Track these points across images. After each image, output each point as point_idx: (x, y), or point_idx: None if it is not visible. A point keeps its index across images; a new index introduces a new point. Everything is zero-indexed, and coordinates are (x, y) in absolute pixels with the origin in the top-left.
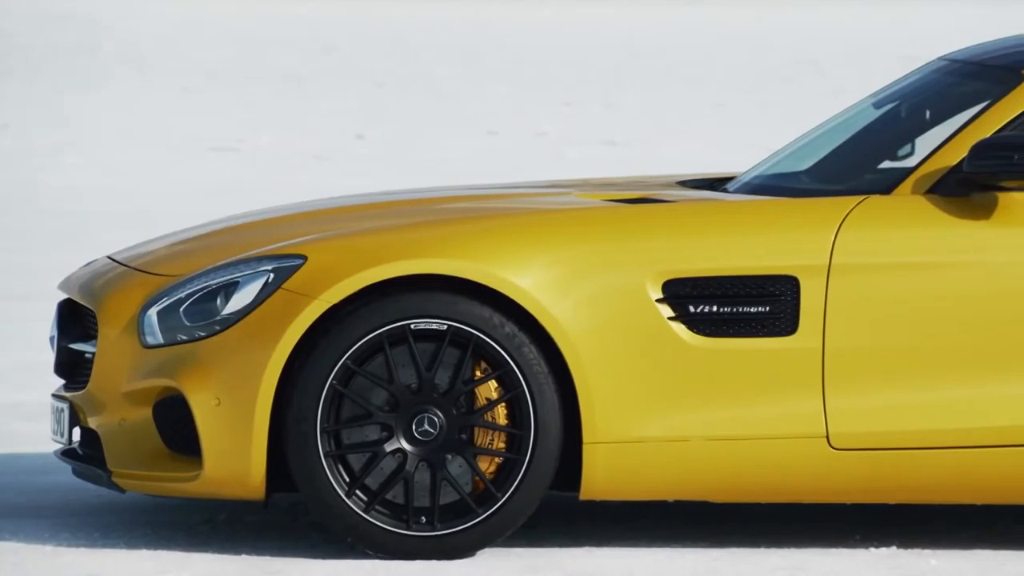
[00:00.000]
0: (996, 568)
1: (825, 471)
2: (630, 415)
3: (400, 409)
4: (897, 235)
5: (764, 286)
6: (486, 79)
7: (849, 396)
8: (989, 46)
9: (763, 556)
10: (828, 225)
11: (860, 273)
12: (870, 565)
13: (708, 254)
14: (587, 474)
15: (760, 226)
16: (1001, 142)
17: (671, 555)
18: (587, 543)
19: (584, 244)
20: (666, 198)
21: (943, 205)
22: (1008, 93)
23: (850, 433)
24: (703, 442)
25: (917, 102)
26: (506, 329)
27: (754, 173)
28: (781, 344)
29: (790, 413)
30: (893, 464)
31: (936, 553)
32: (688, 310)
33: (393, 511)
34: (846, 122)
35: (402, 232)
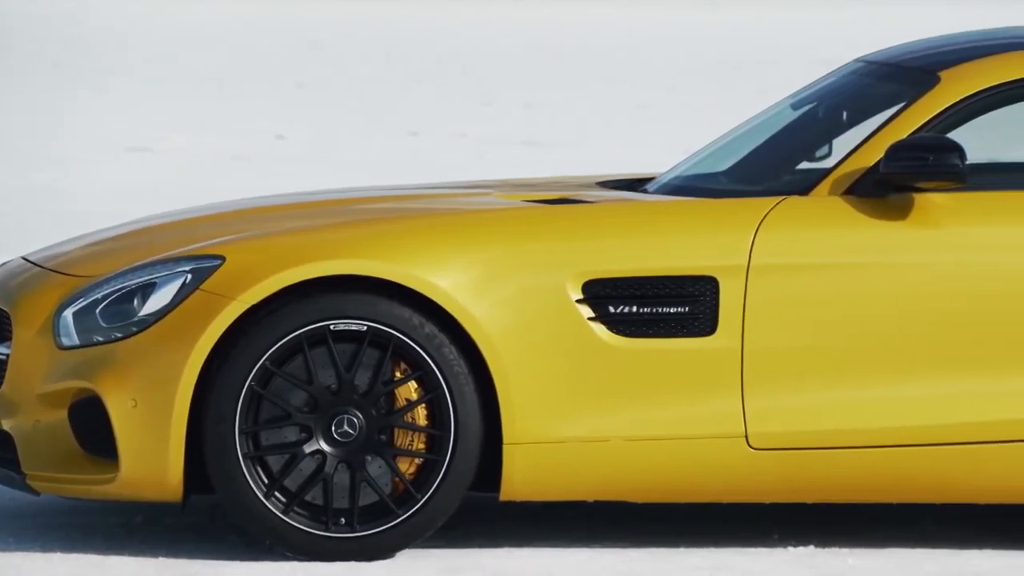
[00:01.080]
0: (913, 566)
1: (744, 471)
2: (550, 416)
3: (319, 410)
4: (815, 236)
5: (683, 287)
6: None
7: (767, 396)
8: (905, 48)
9: (683, 556)
10: (747, 226)
11: (778, 273)
12: (788, 564)
13: (628, 255)
14: (507, 475)
15: (679, 227)
16: (917, 143)
17: (591, 555)
18: (507, 543)
19: (504, 245)
20: (586, 199)
21: (860, 206)
22: (924, 94)
23: (768, 433)
24: (623, 442)
25: (835, 103)
26: (426, 330)
27: (673, 174)
28: (700, 344)
29: (709, 413)
30: (811, 464)
31: (854, 552)
32: (608, 310)
33: (312, 512)
34: (765, 123)
35: (321, 233)
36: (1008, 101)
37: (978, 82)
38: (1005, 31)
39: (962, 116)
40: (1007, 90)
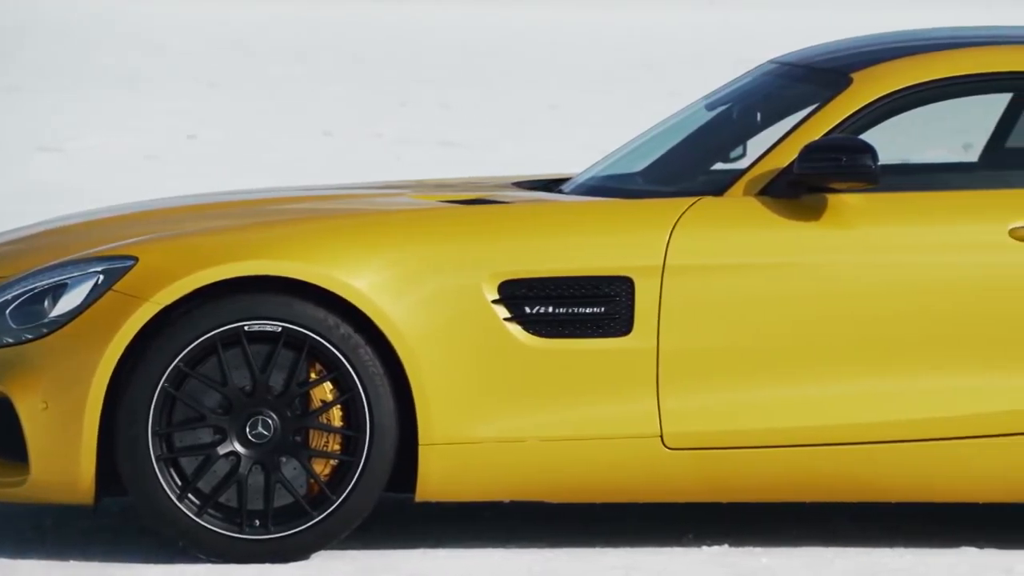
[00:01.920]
0: (825, 565)
1: (659, 471)
2: (466, 416)
3: (233, 411)
4: (729, 236)
5: (599, 287)
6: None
7: (683, 396)
8: (818, 49)
9: (598, 555)
10: (662, 226)
11: (693, 274)
12: (703, 564)
13: (543, 255)
14: (423, 475)
15: (595, 227)
16: (830, 144)
17: (507, 555)
18: (423, 544)
19: (420, 245)
20: (501, 199)
21: (774, 206)
22: (837, 96)
23: (683, 433)
24: (539, 443)
25: (749, 104)
26: (341, 331)
27: (589, 174)
28: (616, 344)
29: (625, 413)
30: (726, 463)
31: (767, 551)
32: (524, 311)
33: (226, 514)
34: (679, 124)
35: (236, 233)
36: (919, 102)
37: (890, 83)
38: (916, 33)
39: (874, 117)
40: (918, 91)
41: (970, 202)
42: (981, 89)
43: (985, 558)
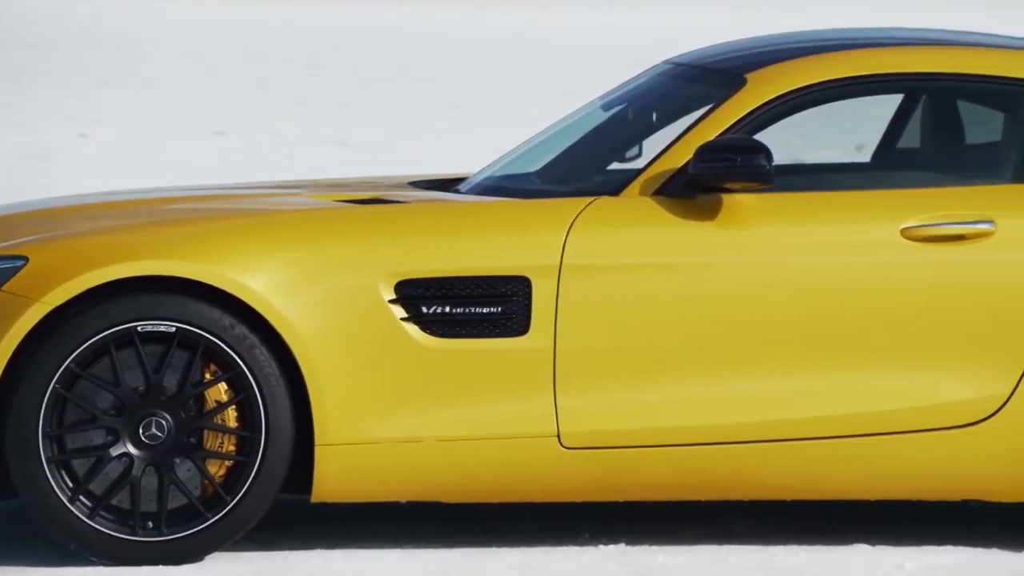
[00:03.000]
0: (720, 562)
1: (556, 470)
2: (363, 416)
3: (126, 413)
4: (625, 236)
5: (496, 287)
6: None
7: (579, 396)
8: (713, 50)
9: (495, 555)
10: (558, 226)
11: (590, 274)
12: (599, 562)
13: (440, 255)
14: (319, 476)
15: (491, 227)
16: (725, 144)
17: (404, 556)
18: (319, 545)
19: (316, 245)
20: (398, 199)
21: (670, 206)
22: (731, 96)
23: (580, 432)
24: (436, 443)
25: (644, 105)
26: (236, 331)
27: (485, 174)
28: (513, 344)
29: (522, 413)
30: (622, 462)
31: (663, 549)
32: (421, 311)
33: (119, 516)
34: (575, 124)
35: (129, 233)
36: (813, 103)
37: (784, 84)
38: (809, 34)
39: (769, 118)
40: (812, 92)
41: (863, 202)
42: (873, 90)
43: (877, 554)
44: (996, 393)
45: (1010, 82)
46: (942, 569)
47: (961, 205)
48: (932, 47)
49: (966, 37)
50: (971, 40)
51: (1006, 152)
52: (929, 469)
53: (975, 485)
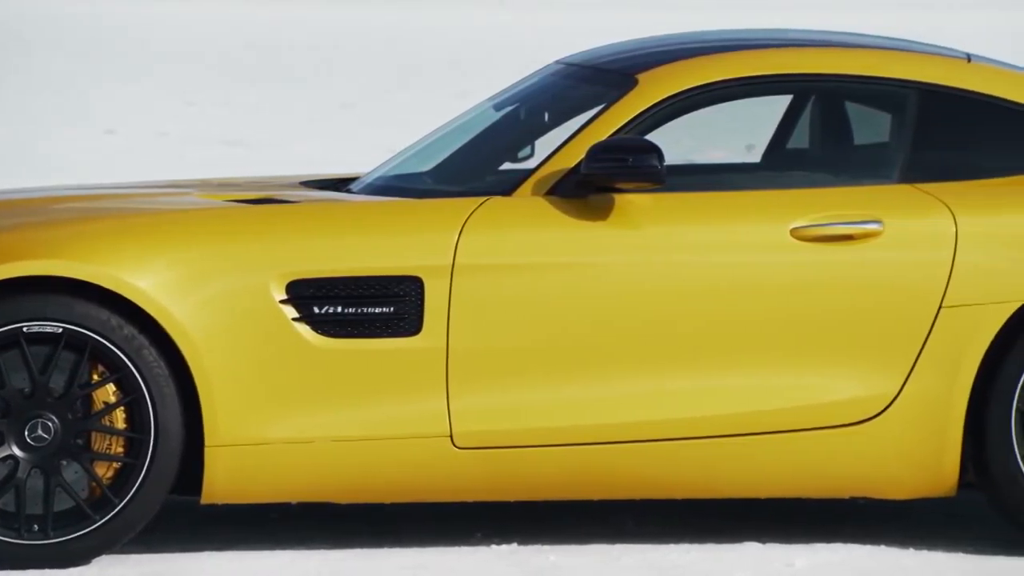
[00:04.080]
0: (612, 561)
1: (449, 470)
2: (254, 417)
3: (12, 414)
4: (518, 236)
5: (388, 287)
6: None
7: (472, 396)
8: (604, 50)
9: (387, 556)
10: (451, 226)
11: (482, 274)
12: (491, 562)
13: (332, 255)
14: (209, 477)
15: (383, 227)
16: (617, 145)
17: (295, 557)
18: (208, 548)
19: (206, 245)
20: (289, 199)
21: (562, 206)
22: (623, 96)
23: (473, 432)
24: (328, 443)
25: (536, 105)
26: (125, 331)
27: (377, 174)
28: (405, 344)
29: (414, 413)
30: (515, 462)
31: (555, 549)
32: (312, 311)
33: (4, 519)
34: (467, 124)
35: (15, 232)
36: (704, 103)
37: (675, 84)
38: (700, 35)
39: (660, 118)
40: (703, 92)
41: (753, 202)
42: (763, 91)
43: (767, 552)
44: (884, 392)
45: (896, 83)
46: (831, 566)
47: (849, 205)
48: (821, 48)
49: (854, 39)
50: (858, 42)
51: (893, 153)
52: (819, 467)
53: (864, 483)
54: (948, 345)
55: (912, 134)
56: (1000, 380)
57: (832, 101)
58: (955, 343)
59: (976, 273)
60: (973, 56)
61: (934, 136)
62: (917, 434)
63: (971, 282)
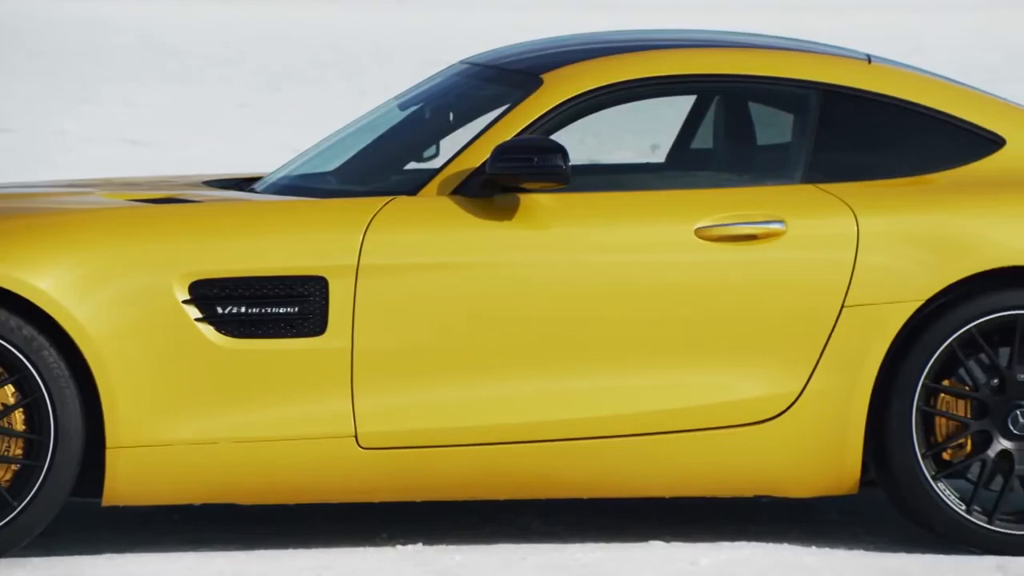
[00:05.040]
0: (517, 561)
1: (354, 471)
2: (157, 419)
3: None
4: (423, 236)
5: (292, 287)
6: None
7: (377, 396)
8: (509, 50)
9: (291, 557)
10: (355, 226)
11: (387, 274)
12: (396, 563)
13: (235, 255)
14: (110, 479)
15: (288, 227)
16: (522, 145)
17: (198, 559)
18: (109, 550)
19: (108, 245)
20: (192, 198)
21: (467, 206)
22: (528, 96)
23: (378, 432)
24: (232, 444)
25: (441, 104)
26: (24, 332)
27: (281, 174)
28: (310, 345)
29: (319, 414)
30: (420, 462)
31: (460, 549)
32: (216, 311)
33: None
34: (372, 123)
35: None
36: (608, 103)
37: (580, 85)
38: (604, 35)
39: (565, 118)
40: (607, 93)
41: (657, 202)
42: (668, 91)
43: (671, 551)
44: (787, 391)
45: (797, 84)
46: (735, 564)
47: (753, 205)
48: (724, 49)
49: (756, 40)
50: (761, 43)
51: (796, 153)
52: (723, 466)
53: (767, 481)
54: (850, 344)
55: (814, 135)
56: (901, 379)
57: (735, 102)
58: (857, 342)
59: (877, 273)
60: (874, 57)
61: (836, 137)
62: (819, 433)
63: (872, 282)
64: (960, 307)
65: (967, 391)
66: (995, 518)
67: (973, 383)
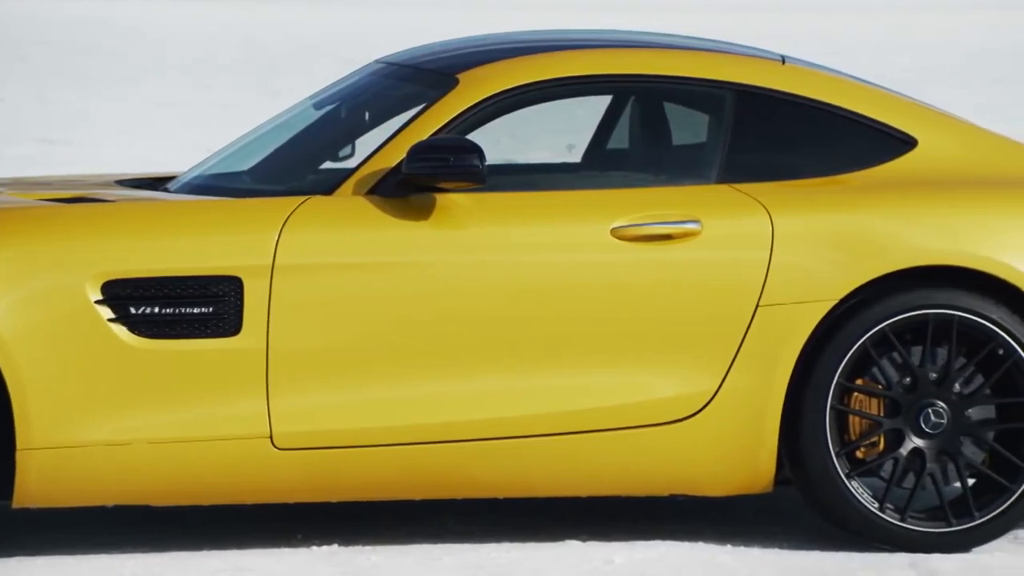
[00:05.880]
0: (433, 562)
1: (269, 471)
2: (69, 420)
3: None
4: (338, 236)
5: (207, 287)
6: None
7: (292, 396)
8: (425, 50)
9: (205, 558)
10: (271, 226)
11: (303, 274)
12: (312, 563)
13: (149, 255)
14: (21, 481)
15: (202, 226)
16: (437, 145)
17: (110, 561)
18: (20, 552)
19: (20, 245)
20: (104, 197)
21: (383, 206)
22: (443, 96)
23: (293, 433)
24: (146, 445)
25: (357, 104)
26: None
27: (195, 173)
28: (225, 345)
29: (234, 414)
30: (336, 462)
31: (376, 549)
32: (129, 312)
33: None
34: (287, 123)
35: None
36: (525, 103)
37: (495, 84)
38: (520, 35)
39: (481, 118)
40: (524, 92)
41: (574, 202)
42: (583, 91)
43: (587, 550)
44: (703, 390)
45: (712, 84)
46: (649, 562)
47: (669, 205)
48: (639, 49)
49: (672, 40)
50: (676, 43)
51: (711, 153)
52: (638, 465)
53: (683, 480)
54: (765, 343)
55: (729, 135)
56: (815, 378)
57: (651, 102)
58: (772, 341)
59: (792, 272)
60: (788, 58)
61: (750, 137)
62: (734, 432)
63: (787, 281)
64: (873, 306)
65: (880, 390)
66: (907, 516)
67: (886, 382)
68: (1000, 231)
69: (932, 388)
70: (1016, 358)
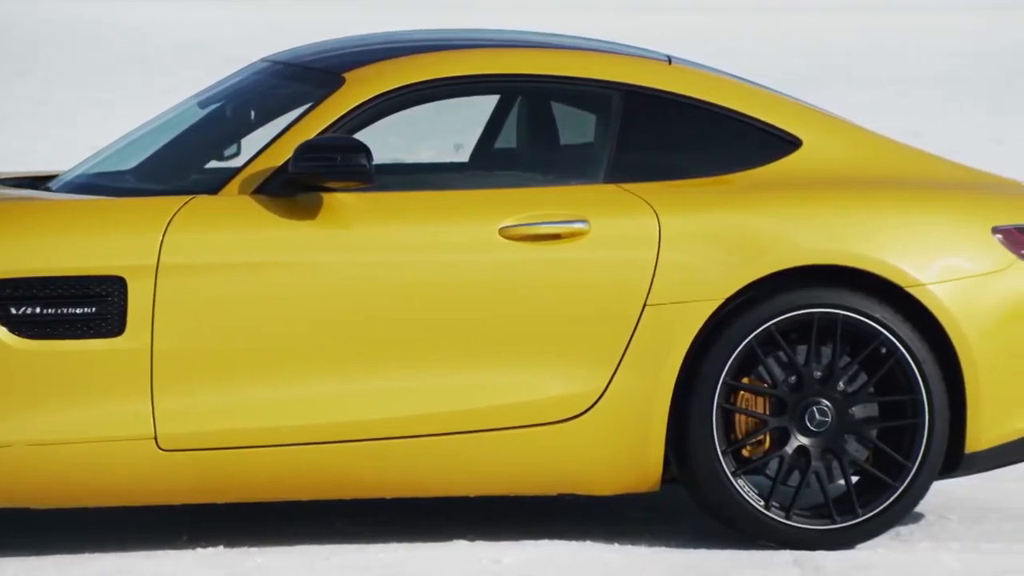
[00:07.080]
0: (320, 562)
1: (154, 473)
2: None
3: None
4: (224, 235)
5: (90, 287)
6: None
7: (178, 397)
8: (311, 49)
9: (87, 561)
10: (155, 225)
11: (188, 274)
12: (197, 565)
13: (29, 254)
14: None
15: (84, 226)
16: (324, 144)
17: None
18: None
19: None
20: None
21: (269, 205)
22: (330, 95)
23: (178, 434)
24: (26, 447)
25: (242, 103)
26: None
27: (77, 172)
28: (108, 345)
29: (118, 415)
30: (221, 464)
31: (263, 551)
32: (9, 312)
33: None
34: (171, 121)
35: None
36: (412, 103)
37: (382, 84)
38: (407, 34)
39: (368, 117)
40: (411, 92)
41: (461, 202)
42: (471, 90)
43: (475, 550)
44: (591, 389)
45: (599, 84)
46: (538, 562)
47: (556, 205)
48: (526, 49)
49: (559, 40)
50: (563, 43)
51: (598, 153)
52: (526, 465)
53: (571, 479)
54: (652, 343)
55: (616, 135)
56: (702, 377)
57: (538, 102)
58: (659, 341)
59: (678, 272)
60: (674, 58)
61: (637, 137)
62: (622, 431)
63: (674, 281)
64: (759, 306)
65: (766, 388)
66: (792, 513)
67: (772, 380)
68: (884, 231)
69: (817, 386)
70: (899, 356)
